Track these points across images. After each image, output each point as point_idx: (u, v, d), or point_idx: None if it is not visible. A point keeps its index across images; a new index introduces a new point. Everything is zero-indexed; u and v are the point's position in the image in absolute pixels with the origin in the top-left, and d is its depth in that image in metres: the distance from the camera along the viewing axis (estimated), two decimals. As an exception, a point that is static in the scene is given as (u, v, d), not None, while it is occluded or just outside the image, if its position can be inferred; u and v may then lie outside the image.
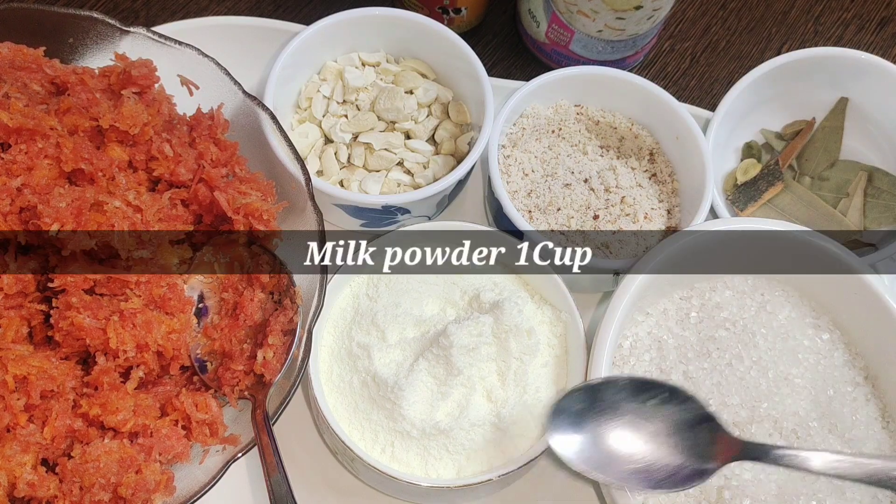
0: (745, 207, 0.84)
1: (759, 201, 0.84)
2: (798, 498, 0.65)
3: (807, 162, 0.87)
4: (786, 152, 0.87)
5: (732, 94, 0.84)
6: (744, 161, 0.88)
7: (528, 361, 0.70)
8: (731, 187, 0.86)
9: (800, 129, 0.89)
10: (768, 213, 0.85)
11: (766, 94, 0.87)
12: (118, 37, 0.68)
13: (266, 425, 0.60)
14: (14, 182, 0.58)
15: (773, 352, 0.71)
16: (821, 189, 0.86)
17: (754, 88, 0.85)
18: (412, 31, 0.80)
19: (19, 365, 0.58)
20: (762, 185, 0.85)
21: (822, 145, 0.87)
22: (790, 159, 0.87)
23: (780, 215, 0.85)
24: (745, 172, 0.86)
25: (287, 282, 0.66)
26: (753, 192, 0.85)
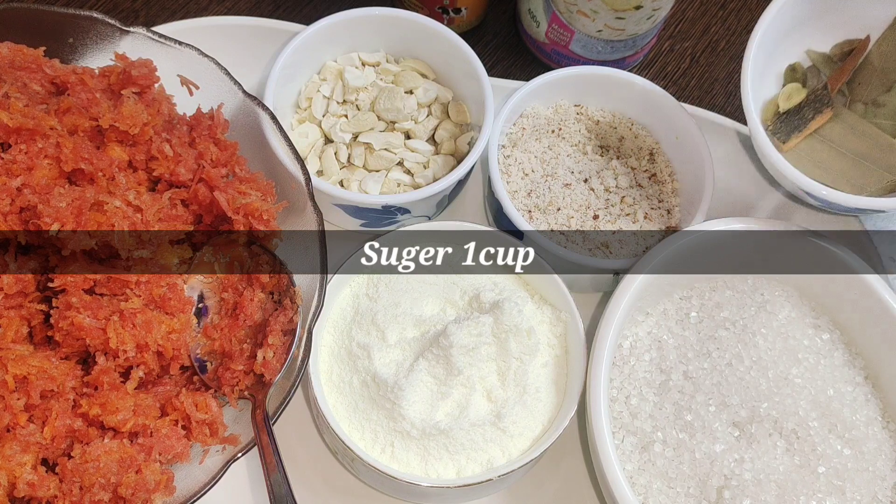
0: (789, 138, 0.75)
1: (805, 131, 0.75)
2: (798, 498, 0.65)
3: (860, 87, 0.77)
4: (835, 75, 0.77)
5: (773, 8, 0.73)
6: (787, 86, 0.78)
7: (528, 361, 0.70)
8: (772, 116, 0.77)
9: (851, 48, 0.78)
10: (815, 145, 0.75)
11: (812, 8, 0.77)
12: (118, 37, 0.68)
13: (266, 425, 0.60)
14: (14, 182, 0.58)
15: (773, 352, 0.71)
16: (876, 117, 0.76)
17: (797, 1, 0.75)
18: (412, 31, 0.80)
19: (19, 365, 0.58)
20: (808, 113, 0.75)
21: (878, 67, 0.77)
22: (840, 83, 0.77)
23: (829, 148, 0.75)
24: (788, 98, 0.77)
25: (287, 282, 0.66)
26: (798, 120, 0.75)
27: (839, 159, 0.74)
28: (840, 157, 0.75)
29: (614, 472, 0.64)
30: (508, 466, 0.65)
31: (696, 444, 0.67)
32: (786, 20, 0.75)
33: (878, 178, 0.73)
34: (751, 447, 0.67)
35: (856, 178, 0.73)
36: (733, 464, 0.66)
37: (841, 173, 0.74)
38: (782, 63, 0.80)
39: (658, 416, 0.68)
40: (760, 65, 0.75)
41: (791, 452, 0.67)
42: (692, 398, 0.68)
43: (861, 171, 0.73)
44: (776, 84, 0.79)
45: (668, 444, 0.67)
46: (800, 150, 0.75)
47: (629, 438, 0.68)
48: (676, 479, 0.66)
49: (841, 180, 0.73)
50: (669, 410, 0.68)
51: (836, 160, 0.74)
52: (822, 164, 0.74)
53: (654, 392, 0.69)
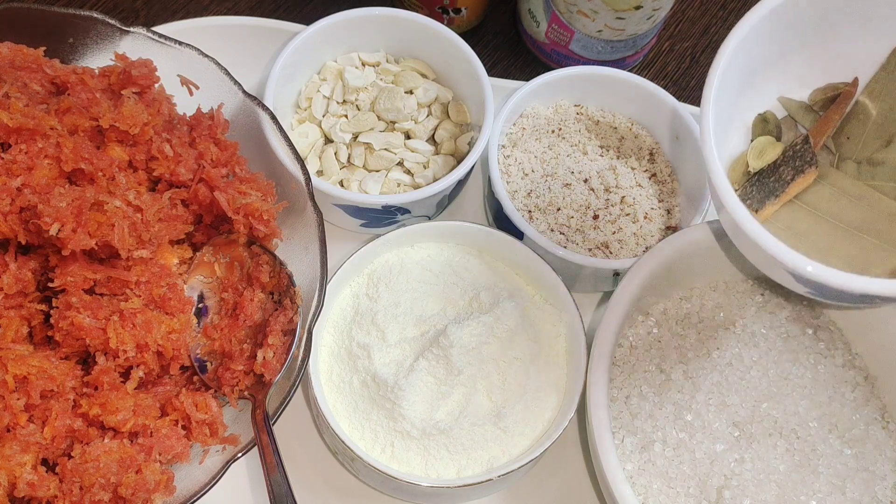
0: (763, 206, 0.58)
1: (783, 196, 0.58)
2: (798, 497, 0.65)
3: (849, 141, 0.61)
4: (817, 127, 0.61)
5: (732, 40, 0.56)
6: (757, 139, 0.62)
7: (529, 361, 0.70)
8: (741, 176, 0.61)
9: (836, 94, 0.62)
10: (797, 214, 0.59)
11: (783, 43, 0.60)
12: (118, 37, 0.68)
13: (266, 425, 0.60)
14: (14, 182, 0.58)
15: (773, 352, 0.71)
16: (873, 178, 0.60)
17: (767, 34, 0.57)
18: (412, 31, 0.80)
19: (19, 365, 0.57)
20: (786, 173, 0.59)
21: (871, 117, 0.62)
22: (825, 137, 0.61)
23: (815, 218, 0.58)
24: (760, 155, 0.61)
25: (287, 282, 0.66)
26: (774, 183, 0.59)
27: (830, 232, 0.58)
28: (831, 230, 0.58)
29: (614, 472, 0.64)
30: (509, 466, 0.65)
31: (697, 444, 0.67)
32: (751, 58, 0.59)
33: (885, 256, 0.56)
34: (751, 447, 0.67)
35: (854, 257, 0.57)
36: (733, 463, 0.66)
37: (833, 251, 0.57)
38: (750, 111, 0.63)
39: (658, 416, 0.68)
40: (724, 112, 0.58)
41: (791, 452, 0.67)
42: (692, 398, 0.68)
43: (860, 247, 0.57)
44: (744, 136, 0.63)
45: (668, 444, 0.67)
46: (778, 220, 0.59)
47: (629, 438, 0.68)
48: (676, 478, 0.66)
49: (833, 259, 0.57)
50: (669, 410, 0.68)
51: (826, 234, 0.58)
52: (807, 238, 0.58)
53: (654, 392, 0.69)
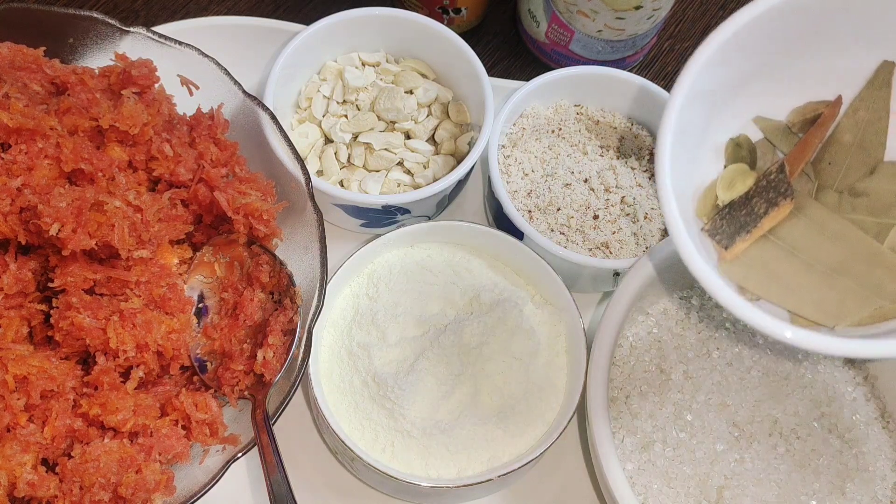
0: (733, 242, 0.53)
1: (755, 232, 0.53)
2: (798, 497, 0.65)
3: (830, 167, 0.55)
4: (795, 152, 0.55)
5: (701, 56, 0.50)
6: (727, 168, 0.56)
7: (529, 361, 0.70)
8: (711, 209, 0.55)
9: (817, 114, 0.56)
10: (769, 251, 0.54)
11: (761, 57, 0.53)
12: (118, 37, 0.68)
13: (266, 425, 0.60)
14: (14, 182, 0.58)
15: (773, 352, 0.71)
16: (854, 210, 0.54)
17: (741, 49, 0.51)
18: (412, 31, 0.80)
19: (19, 365, 0.58)
20: (759, 206, 0.53)
21: (854, 140, 0.55)
22: (803, 164, 0.55)
23: (789, 257, 0.53)
24: (730, 186, 0.55)
25: (287, 282, 0.66)
26: (745, 216, 0.53)
27: (805, 273, 0.53)
28: (806, 270, 0.53)
29: (614, 472, 0.64)
30: (509, 466, 0.65)
31: (697, 444, 0.67)
32: (724, 74, 0.52)
33: (862, 302, 0.51)
34: (751, 447, 0.67)
35: (828, 302, 0.52)
36: (734, 464, 0.66)
37: (807, 293, 0.53)
38: (722, 134, 0.57)
39: (658, 416, 0.68)
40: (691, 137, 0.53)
41: (791, 452, 0.67)
42: (692, 398, 0.68)
43: (836, 290, 0.52)
44: (716, 163, 0.57)
45: (669, 444, 0.67)
46: (749, 258, 0.53)
47: (629, 438, 0.68)
48: (676, 478, 0.66)
49: (807, 303, 0.52)
50: (669, 410, 0.68)
51: (801, 274, 0.53)
52: (780, 279, 0.53)
53: (654, 392, 0.69)
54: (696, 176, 0.56)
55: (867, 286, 0.52)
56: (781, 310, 0.53)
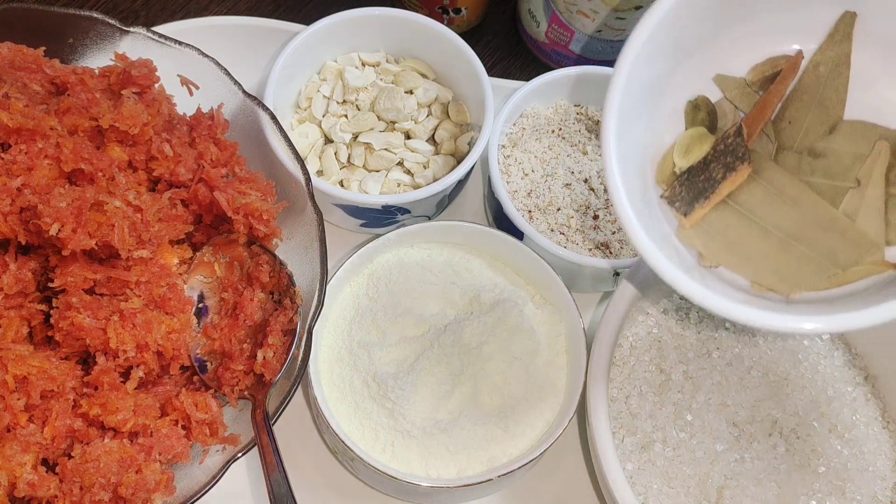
0: (692, 209, 0.52)
1: (714, 198, 0.52)
2: (798, 497, 0.65)
3: (790, 126, 0.53)
4: (753, 113, 0.53)
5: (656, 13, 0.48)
6: (684, 133, 0.54)
7: (529, 361, 0.70)
8: (670, 176, 0.54)
9: (777, 70, 0.54)
10: (728, 218, 0.52)
11: (719, 13, 0.51)
12: (118, 37, 0.68)
13: (266, 425, 0.60)
14: (14, 182, 0.58)
15: (773, 352, 0.71)
16: (813, 173, 0.52)
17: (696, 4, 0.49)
18: (412, 31, 0.80)
19: (19, 365, 0.58)
20: (717, 171, 0.52)
21: (814, 97, 0.52)
22: (762, 124, 0.53)
23: (747, 223, 0.52)
24: (686, 152, 0.53)
25: (287, 281, 0.66)
26: (703, 182, 0.52)
27: (762, 239, 0.52)
28: (763, 237, 0.52)
29: (614, 472, 0.64)
30: (509, 466, 0.65)
31: (697, 444, 0.67)
32: (682, 29, 0.50)
33: (817, 269, 0.51)
34: (751, 447, 0.67)
35: (785, 269, 0.52)
36: (733, 463, 0.66)
37: (765, 260, 0.52)
38: (680, 96, 0.55)
39: (658, 416, 0.68)
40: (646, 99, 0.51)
41: (791, 452, 0.67)
42: (692, 398, 0.68)
43: (793, 257, 0.52)
44: (677, 127, 0.55)
45: (669, 444, 0.67)
46: (708, 225, 0.53)
47: (629, 438, 0.68)
48: (676, 478, 0.66)
49: (765, 271, 0.52)
50: (670, 410, 0.68)
51: (758, 240, 0.52)
52: (738, 246, 0.53)
53: (654, 392, 0.69)
54: (655, 141, 0.54)
55: (822, 253, 0.51)
56: (741, 278, 0.52)
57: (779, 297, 0.52)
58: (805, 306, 0.50)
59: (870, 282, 0.50)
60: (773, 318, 0.47)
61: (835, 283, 0.51)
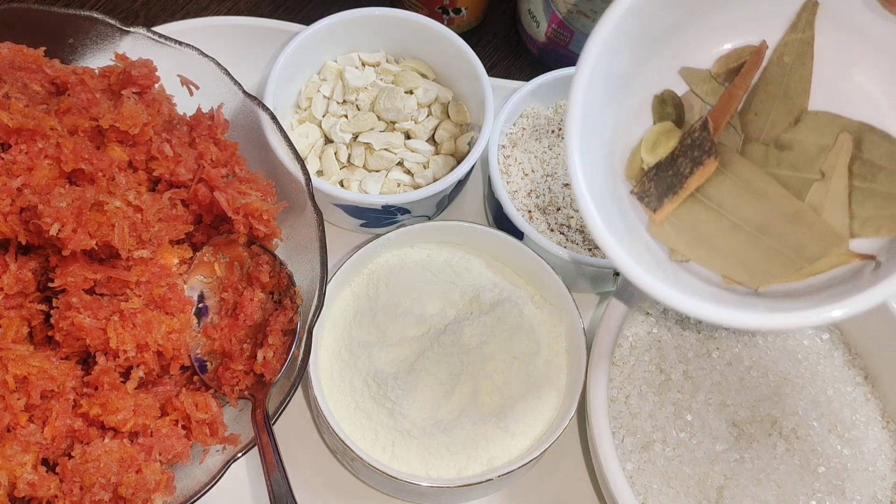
0: (661, 204, 0.52)
1: (682, 192, 0.52)
2: (798, 497, 0.65)
3: (756, 118, 0.52)
4: (719, 105, 0.53)
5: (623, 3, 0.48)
6: (651, 129, 0.54)
7: (529, 361, 0.70)
8: (639, 171, 0.54)
9: (742, 61, 0.53)
10: (697, 211, 0.52)
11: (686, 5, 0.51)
12: (118, 37, 0.68)
13: (266, 425, 0.60)
14: (14, 182, 0.58)
15: (773, 352, 0.71)
16: (780, 165, 0.52)
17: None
18: (412, 31, 0.80)
19: (19, 365, 0.58)
20: (684, 166, 0.52)
21: (779, 88, 0.52)
22: (728, 118, 0.52)
23: (716, 217, 0.52)
24: (653, 147, 0.53)
25: (287, 281, 0.66)
26: (672, 177, 0.52)
27: (731, 233, 0.52)
28: (732, 231, 0.52)
29: (614, 472, 0.64)
30: (509, 466, 0.65)
31: (696, 444, 0.67)
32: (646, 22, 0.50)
33: (785, 263, 0.51)
34: (751, 447, 0.67)
35: (754, 263, 0.52)
36: (733, 463, 0.66)
37: (734, 254, 0.52)
38: (647, 90, 0.55)
39: (658, 416, 0.68)
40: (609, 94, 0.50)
41: (791, 452, 0.67)
42: (692, 398, 0.69)
43: (761, 251, 0.52)
44: (644, 122, 0.55)
45: (668, 444, 0.67)
46: (678, 220, 0.53)
47: (629, 438, 0.68)
48: (676, 478, 0.67)
49: (734, 265, 0.52)
50: (669, 410, 0.68)
51: (727, 234, 0.52)
52: (708, 240, 0.53)
53: (654, 392, 0.69)
54: (624, 137, 0.54)
55: (789, 246, 0.51)
56: (713, 275, 0.52)
57: (748, 291, 0.52)
58: (774, 300, 0.50)
59: (837, 272, 0.51)
60: (739, 316, 0.47)
61: (802, 275, 0.51)
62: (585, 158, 0.49)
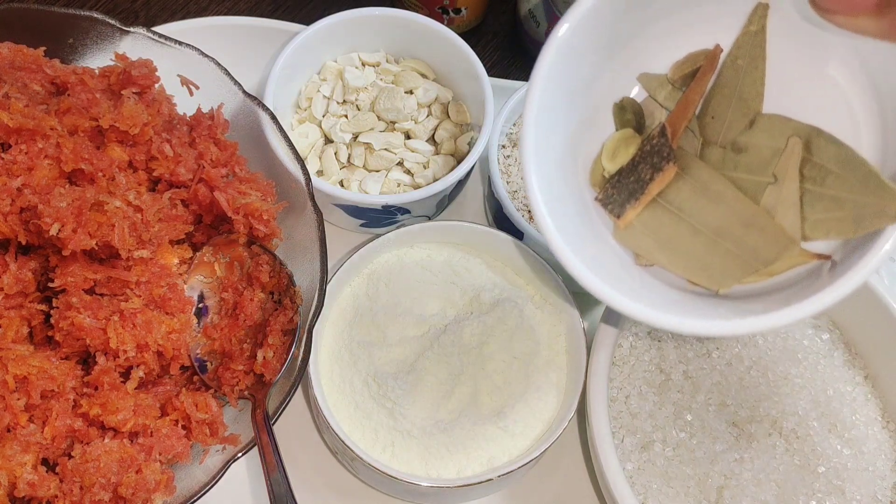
0: (624, 210, 0.53)
1: (644, 198, 0.53)
2: (798, 497, 0.65)
3: (713, 122, 0.53)
4: (677, 111, 0.53)
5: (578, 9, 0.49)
6: (611, 137, 0.54)
7: (529, 361, 0.70)
8: (601, 179, 0.55)
9: (698, 66, 0.54)
10: (659, 216, 0.53)
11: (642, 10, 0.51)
12: (118, 37, 0.68)
13: (266, 425, 0.60)
14: (14, 182, 0.58)
15: (773, 352, 0.71)
16: (736, 168, 0.52)
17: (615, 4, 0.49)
18: (412, 31, 0.80)
19: (19, 365, 0.58)
20: (645, 172, 0.52)
21: (734, 91, 0.53)
22: (686, 122, 0.53)
23: (677, 221, 0.52)
24: (613, 155, 0.54)
25: (287, 281, 0.66)
26: (633, 184, 0.53)
27: (691, 237, 0.53)
28: (692, 235, 0.53)
29: (614, 472, 0.64)
30: (509, 466, 0.65)
31: (696, 444, 0.67)
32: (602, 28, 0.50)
33: (742, 266, 0.52)
34: (750, 447, 0.67)
35: (713, 267, 0.53)
36: (733, 463, 0.66)
37: (694, 258, 0.53)
38: (607, 97, 0.56)
39: (658, 416, 0.68)
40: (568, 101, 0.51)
41: (791, 452, 0.67)
42: (692, 398, 0.69)
43: (719, 254, 0.52)
44: (606, 129, 0.56)
45: (668, 444, 0.67)
46: (641, 225, 0.54)
47: (629, 438, 0.68)
48: (676, 478, 0.67)
49: (695, 268, 0.53)
50: (669, 410, 0.68)
51: (688, 238, 0.53)
52: (670, 244, 0.54)
53: (654, 392, 0.69)
54: (587, 143, 0.55)
55: (745, 249, 0.52)
56: (678, 277, 0.53)
57: (711, 293, 0.53)
58: (737, 301, 0.51)
59: (796, 272, 0.52)
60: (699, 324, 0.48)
61: (760, 277, 0.52)
62: (542, 166, 0.50)
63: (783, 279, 0.52)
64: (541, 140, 0.50)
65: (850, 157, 0.49)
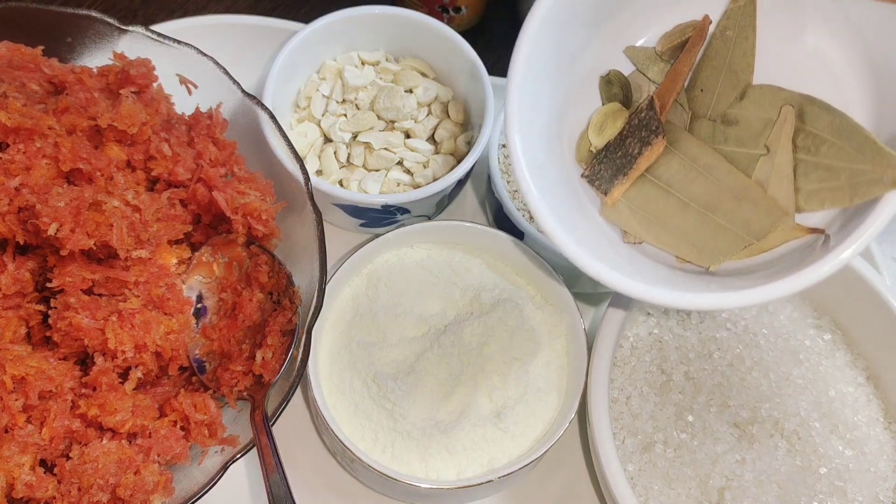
0: (612, 186, 0.52)
1: (632, 173, 0.51)
2: (799, 499, 0.65)
3: (703, 94, 0.52)
4: (665, 84, 0.52)
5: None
6: (598, 111, 0.53)
7: (529, 361, 0.70)
8: (588, 154, 0.54)
9: (686, 38, 0.53)
10: (648, 191, 0.52)
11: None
12: (116, 36, 0.68)
13: (265, 426, 0.60)
14: (12, 182, 0.58)
15: (774, 352, 0.70)
16: (727, 141, 0.51)
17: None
18: (412, 29, 0.80)
19: (17, 365, 0.57)
20: (633, 147, 0.51)
21: (724, 63, 0.52)
22: (674, 95, 0.52)
23: (666, 196, 0.51)
24: (601, 129, 0.53)
25: (286, 282, 0.66)
26: (622, 159, 0.52)
27: (680, 212, 0.52)
28: (681, 210, 0.52)
29: (615, 473, 0.64)
30: (509, 467, 0.65)
31: (698, 445, 0.67)
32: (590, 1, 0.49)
33: (733, 241, 0.52)
34: (752, 448, 0.67)
35: (704, 242, 0.52)
36: (734, 465, 0.66)
37: (684, 234, 0.52)
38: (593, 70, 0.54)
39: (659, 417, 0.68)
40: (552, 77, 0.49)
41: (792, 453, 0.67)
42: (693, 399, 0.68)
43: (709, 229, 0.52)
44: (592, 103, 0.54)
45: (670, 445, 0.67)
46: (629, 201, 0.53)
47: (630, 439, 0.68)
48: (677, 479, 0.66)
49: (685, 244, 0.53)
50: (670, 411, 0.68)
51: (677, 214, 0.52)
52: (659, 220, 0.53)
53: (655, 393, 0.69)
54: (572, 120, 0.54)
55: (736, 223, 0.51)
56: (667, 255, 0.53)
57: (701, 270, 0.52)
58: (726, 278, 0.50)
59: (788, 247, 0.51)
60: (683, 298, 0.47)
61: (752, 252, 0.51)
62: (527, 142, 0.49)
63: (775, 255, 0.51)
64: (525, 115, 0.49)
65: (846, 124, 0.48)
